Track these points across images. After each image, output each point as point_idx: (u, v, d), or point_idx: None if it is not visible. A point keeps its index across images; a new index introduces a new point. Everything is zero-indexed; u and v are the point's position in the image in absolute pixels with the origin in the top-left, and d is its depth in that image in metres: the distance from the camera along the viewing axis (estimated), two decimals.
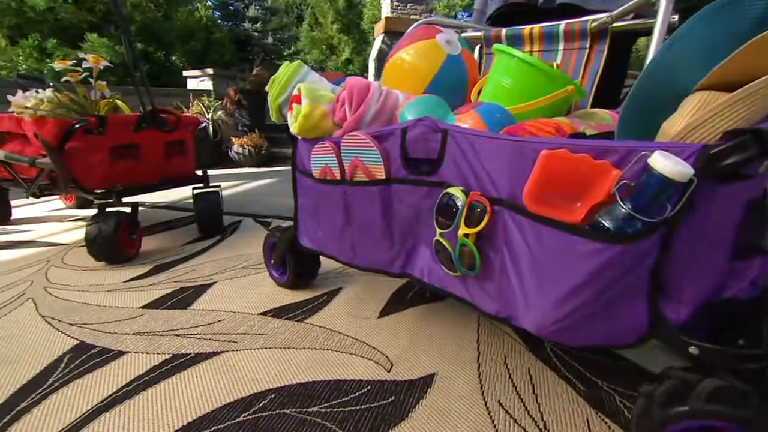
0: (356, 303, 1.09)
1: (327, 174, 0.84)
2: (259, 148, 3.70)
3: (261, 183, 3.05)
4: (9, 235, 1.76)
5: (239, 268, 1.35)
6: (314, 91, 0.85)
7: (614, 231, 0.46)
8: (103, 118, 1.40)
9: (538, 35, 0.97)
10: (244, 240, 1.65)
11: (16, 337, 0.95)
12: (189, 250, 1.54)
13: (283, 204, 2.32)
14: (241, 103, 3.98)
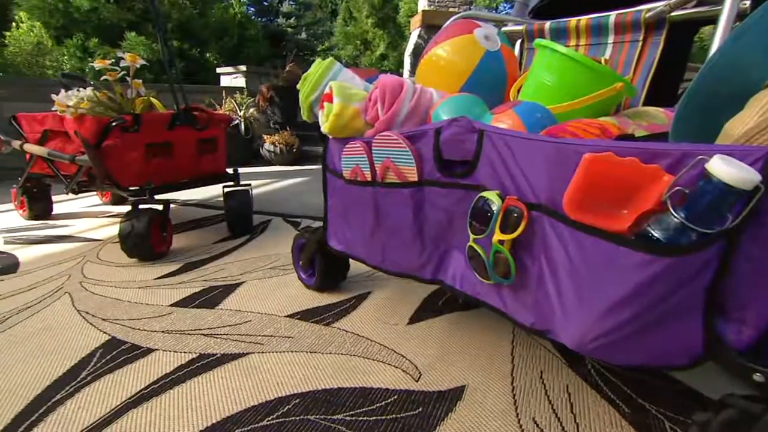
0: (385, 308, 1.10)
1: (358, 175, 0.85)
2: (291, 146, 3.77)
3: (291, 182, 3.11)
4: (50, 230, 1.87)
5: (267, 269, 1.38)
6: (346, 89, 0.86)
7: (665, 242, 0.44)
8: (139, 116, 1.46)
9: (585, 28, 0.94)
10: (273, 240, 1.69)
11: (54, 329, 1.01)
12: (218, 248, 1.59)
13: (312, 203, 2.36)
14: (273, 101, 4.07)
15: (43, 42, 4.12)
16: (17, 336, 0.98)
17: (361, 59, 10.13)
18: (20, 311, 1.10)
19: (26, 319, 1.06)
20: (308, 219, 2.00)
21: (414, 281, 1.12)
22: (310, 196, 2.58)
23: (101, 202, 2.43)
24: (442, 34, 0.93)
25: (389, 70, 9.83)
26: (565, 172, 0.52)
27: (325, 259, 1.13)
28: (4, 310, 1.10)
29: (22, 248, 1.61)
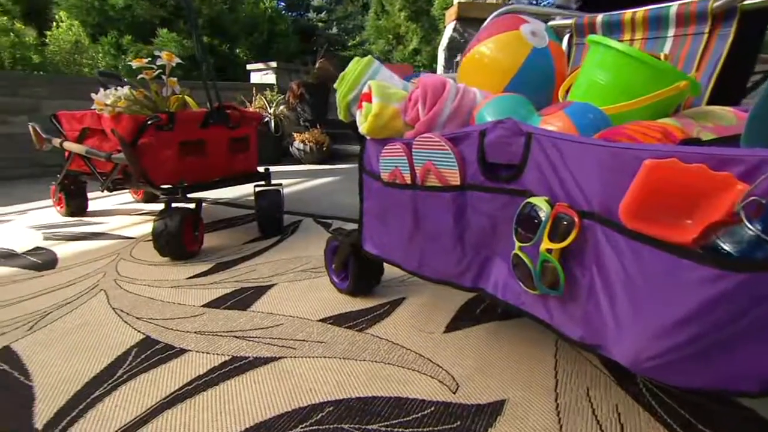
0: (420, 315, 1.10)
1: (396, 177, 0.85)
2: (321, 145, 3.82)
3: (322, 181, 3.15)
4: (85, 226, 1.96)
5: (299, 271, 1.41)
6: (385, 88, 0.87)
7: (737, 256, 0.42)
8: (173, 114, 1.51)
9: (641, 20, 0.91)
10: (303, 241, 1.71)
11: (90, 326, 1.05)
12: (249, 249, 1.63)
13: (344, 204, 2.38)
14: (303, 98, 4.13)
15: (80, 40, 4.32)
16: (57, 332, 1.03)
17: (393, 54, 10.15)
18: (60, 307, 1.16)
19: (65, 315, 1.11)
20: (339, 220, 2.02)
21: (451, 288, 1.11)
22: (341, 196, 2.61)
23: (133, 200, 2.53)
24: (486, 30, 0.92)
25: (422, 65, 9.81)
26: (621, 179, 0.50)
27: (359, 262, 1.14)
28: (45, 306, 1.16)
29: (60, 244, 1.69)
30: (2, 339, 1.00)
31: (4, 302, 1.19)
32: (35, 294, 1.24)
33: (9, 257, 1.55)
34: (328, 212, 2.18)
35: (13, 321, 1.08)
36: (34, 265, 1.47)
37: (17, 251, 1.62)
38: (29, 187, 3.03)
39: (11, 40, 3.82)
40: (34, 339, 1.00)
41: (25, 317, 1.10)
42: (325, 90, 4.20)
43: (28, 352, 0.95)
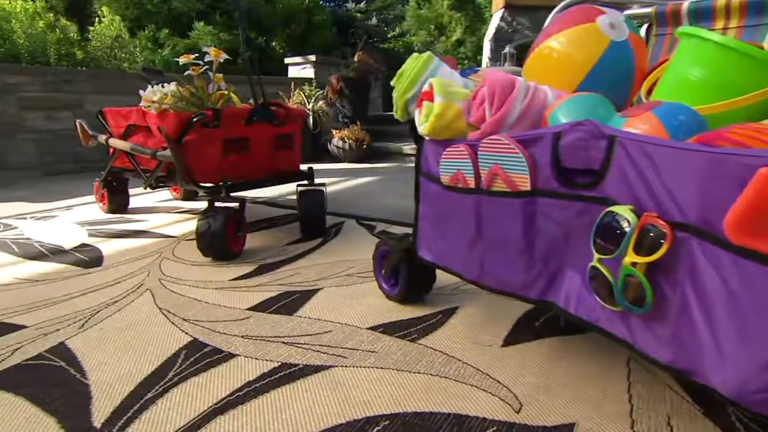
0: (476, 326, 1.09)
1: (459, 181, 0.85)
2: (360, 142, 3.85)
3: (362, 180, 3.17)
4: (127, 224, 2.05)
5: (344, 275, 1.42)
6: (448, 86, 0.87)
7: None
8: (218, 111, 1.56)
9: (738, 6, 0.86)
10: (347, 244, 1.73)
11: (139, 326, 1.10)
12: (291, 251, 1.66)
13: (387, 205, 2.39)
14: (342, 93, 4.18)
15: (121, 35, 4.53)
16: (108, 331, 1.08)
17: (435, 46, 10.11)
18: (108, 305, 1.22)
19: (114, 314, 1.17)
20: (383, 222, 2.03)
21: (507, 299, 1.10)
22: (384, 197, 2.62)
23: (172, 197, 2.63)
24: (556, 23, 0.91)
25: (466, 57, 9.71)
26: (725, 189, 0.48)
27: (410, 269, 1.14)
28: (95, 303, 1.23)
29: (104, 242, 1.78)
30: (57, 335, 1.06)
31: (56, 298, 1.26)
32: (84, 291, 1.31)
33: (58, 253, 1.64)
34: (371, 214, 2.19)
35: (66, 318, 1.14)
36: (81, 261, 1.55)
37: (65, 247, 1.71)
38: (72, 183, 3.21)
39: (57, 36, 4.05)
40: (86, 337, 1.06)
41: (76, 314, 1.16)
42: (365, 85, 4.23)
43: (82, 349, 1.00)
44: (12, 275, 1.43)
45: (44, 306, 1.22)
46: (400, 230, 1.91)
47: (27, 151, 3.45)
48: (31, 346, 1.01)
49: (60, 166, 3.61)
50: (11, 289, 1.32)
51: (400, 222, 2.03)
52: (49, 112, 3.55)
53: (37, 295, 1.28)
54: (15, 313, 1.17)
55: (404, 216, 2.15)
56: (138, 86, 3.63)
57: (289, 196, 2.65)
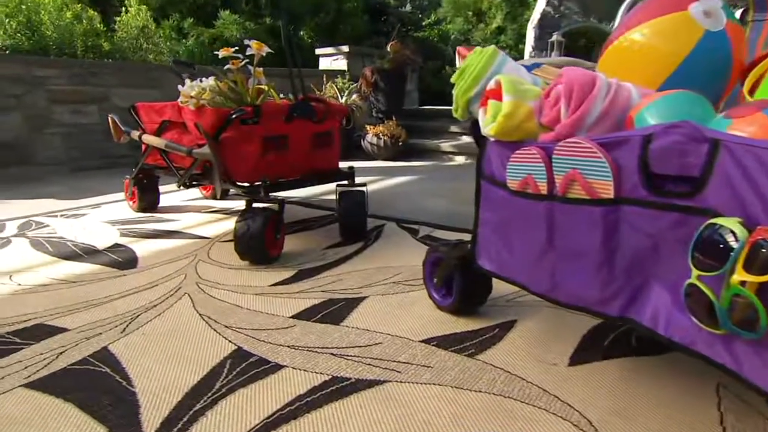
0: (537, 342, 1.07)
1: (528, 186, 0.84)
2: (396, 139, 3.86)
3: (400, 180, 3.18)
4: (158, 223, 2.11)
5: (389, 283, 1.43)
6: (517, 84, 0.86)
7: None
8: (259, 107, 1.59)
9: None
10: (390, 249, 1.74)
11: (181, 332, 1.13)
12: (331, 255, 1.67)
13: (427, 207, 2.39)
14: (377, 86, 4.19)
15: (148, 26, 4.67)
16: (150, 336, 1.11)
17: (473, 34, 10.02)
18: (147, 309, 1.25)
19: (154, 319, 1.20)
20: (426, 226, 2.03)
21: (570, 313, 1.08)
22: (424, 199, 2.62)
23: (201, 196, 2.69)
24: (638, 13, 0.88)
25: (506, 45, 9.57)
26: None
27: (466, 278, 1.14)
28: (133, 307, 1.26)
29: (137, 242, 1.83)
30: (99, 339, 1.10)
31: (95, 300, 1.30)
32: (122, 294, 1.35)
33: (92, 253, 1.70)
34: (412, 216, 2.19)
35: (106, 321, 1.18)
36: (116, 263, 1.61)
37: (98, 247, 1.77)
38: (99, 180, 3.31)
39: (84, 27, 4.19)
40: (128, 342, 1.09)
41: (116, 318, 1.20)
42: (401, 77, 4.24)
43: (125, 355, 1.03)
44: (49, 275, 1.49)
45: (84, 308, 1.26)
46: (445, 235, 1.91)
47: (55, 145, 3.59)
48: (75, 350, 1.05)
49: (86, 162, 3.74)
50: (50, 290, 1.38)
51: (445, 226, 2.02)
52: (76, 106, 3.68)
53: (76, 297, 1.33)
54: (56, 314, 1.22)
55: (448, 219, 2.14)
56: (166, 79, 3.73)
57: (323, 196, 2.67)
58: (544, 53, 6.21)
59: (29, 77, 3.47)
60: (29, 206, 2.49)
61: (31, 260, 1.63)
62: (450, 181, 3.14)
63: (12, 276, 1.49)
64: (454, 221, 2.11)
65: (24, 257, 1.66)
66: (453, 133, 4.46)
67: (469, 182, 3.22)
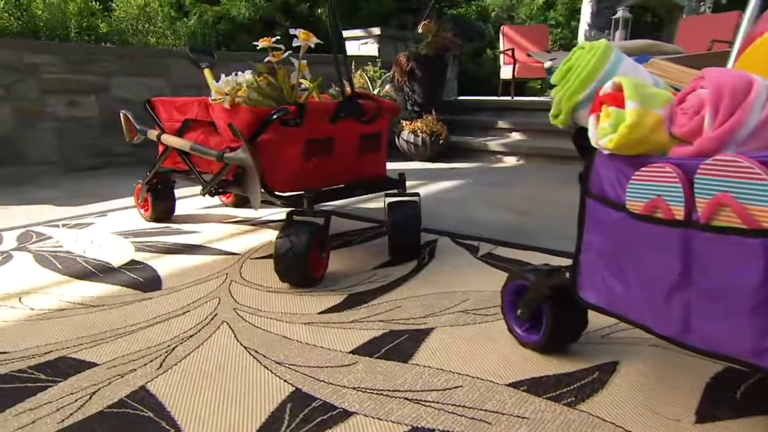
0: (651, 391, 1.05)
1: (658, 209, 0.82)
2: (436, 136, 3.85)
3: (444, 185, 3.17)
4: (176, 236, 2.13)
5: (457, 312, 1.42)
6: (643, 88, 0.84)
7: None
8: (303, 106, 1.59)
9: None
10: (449, 270, 1.73)
11: (228, 369, 1.13)
12: (382, 277, 1.67)
13: (481, 219, 2.38)
14: (413, 74, 4.19)
15: (150, 3, 4.75)
16: (192, 373, 1.12)
17: (517, 10, 9.99)
18: (183, 340, 1.26)
19: (194, 352, 1.21)
20: (487, 243, 2.02)
21: (685, 354, 1.05)
22: (477, 208, 2.60)
23: (220, 203, 2.71)
24: None
25: (555, 23, 9.53)
26: None
27: (559, 312, 1.12)
28: (167, 338, 1.27)
29: (156, 258, 1.85)
30: (135, 377, 1.11)
31: (121, 329, 1.32)
32: (151, 321, 1.36)
33: (107, 272, 1.72)
34: (466, 229, 2.18)
35: (139, 355, 1.19)
36: (137, 283, 1.62)
37: (113, 264, 1.79)
38: (99, 182, 3.37)
39: (78, 5, 4.28)
40: (169, 380, 1.10)
41: (150, 351, 1.21)
42: (441, 64, 4.23)
43: (168, 396, 1.04)
44: (63, 298, 1.51)
45: (110, 338, 1.28)
46: (508, 253, 1.89)
47: (47, 142, 3.66)
48: (109, 390, 1.06)
49: (82, 161, 3.81)
50: (67, 316, 1.40)
51: (509, 243, 2.01)
52: (72, 97, 3.75)
53: (99, 325, 1.34)
54: (80, 345, 1.24)
55: (510, 233, 2.12)
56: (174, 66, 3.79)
57: (358, 204, 2.68)
58: (606, 33, 6.14)
59: (20, 64, 3.54)
60: (24, 214, 2.54)
61: (40, 279, 1.66)
62: (504, 187, 3.12)
63: (21, 298, 1.52)
64: (518, 236, 2.09)
65: (31, 275, 1.69)
66: (501, 129, 4.44)
67: (528, 187, 3.21)
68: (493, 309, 1.42)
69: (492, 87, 7.88)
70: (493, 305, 1.45)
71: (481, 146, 4.10)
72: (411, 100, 4.26)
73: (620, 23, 4.69)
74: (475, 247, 1.97)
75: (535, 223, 2.32)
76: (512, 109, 4.82)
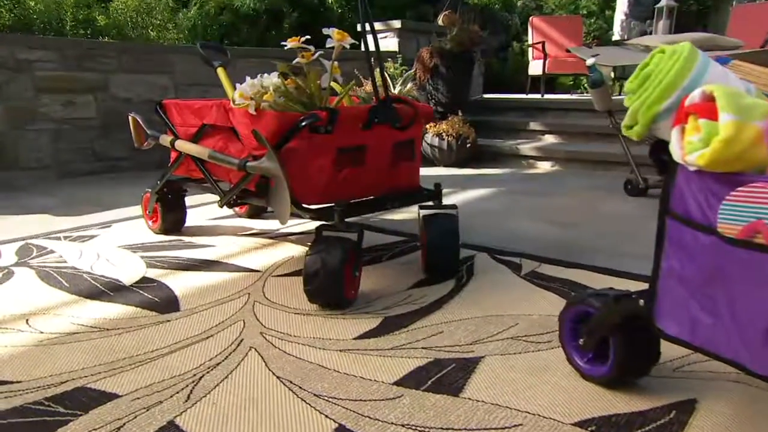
0: None
1: (759, 234, 0.80)
2: (464, 140, 3.84)
3: (474, 194, 3.16)
4: (188, 250, 2.13)
5: (506, 339, 1.40)
6: (738, 98, 0.83)
7: None
8: (334, 112, 1.59)
9: None
10: (491, 290, 1.71)
11: (261, 403, 1.12)
12: (419, 298, 1.66)
13: (520, 232, 2.36)
14: (437, 72, 4.19)
15: None
16: (223, 408, 1.11)
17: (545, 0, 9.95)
18: (210, 369, 1.25)
19: (222, 383, 1.20)
20: (530, 259, 2.00)
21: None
22: (514, 220, 2.59)
23: (232, 214, 2.72)
24: None
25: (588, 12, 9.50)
26: None
27: (628, 342, 1.11)
28: (192, 366, 1.27)
29: (170, 275, 1.85)
30: (161, 410, 1.10)
31: (141, 355, 1.31)
32: (171, 346, 1.36)
33: (118, 290, 1.72)
34: (506, 244, 2.17)
35: (164, 385, 1.19)
36: (153, 304, 1.62)
37: (124, 282, 1.79)
38: (98, 189, 3.39)
39: None
40: (198, 415, 1.09)
41: (175, 380, 1.21)
42: (468, 60, 4.23)
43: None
44: (74, 320, 1.51)
45: (130, 366, 1.27)
46: (555, 271, 1.87)
47: (41, 145, 3.69)
48: (134, 425, 1.06)
49: (78, 166, 3.83)
50: (81, 340, 1.40)
51: (556, 260, 1.99)
52: (68, 96, 3.77)
53: (116, 350, 1.34)
54: (98, 374, 1.23)
55: (555, 249, 2.11)
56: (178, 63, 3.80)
57: (382, 215, 2.67)
58: (648, 23, 6.08)
59: (12, 60, 3.57)
60: (20, 224, 2.56)
61: (47, 299, 1.67)
62: (543, 197, 3.11)
63: (29, 320, 1.52)
64: (564, 252, 2.08)
65: (36, 294, 1.70)
66: (533, 131, 4.43)
67: (569, 197, 3.19)
68: (547, 335, 1.41)
69: (519, 84, 7.87)
70: (545, 331, 1.43)
71: (511, 150, 4.08)
72: (434, 99, 4.26)
73: (664, 13, 4.62)
74: (518, 264, 1.96)
75: (581, 238, 2.30)
76: (544, 108, 4.81)
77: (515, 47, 9.02)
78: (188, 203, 2.65)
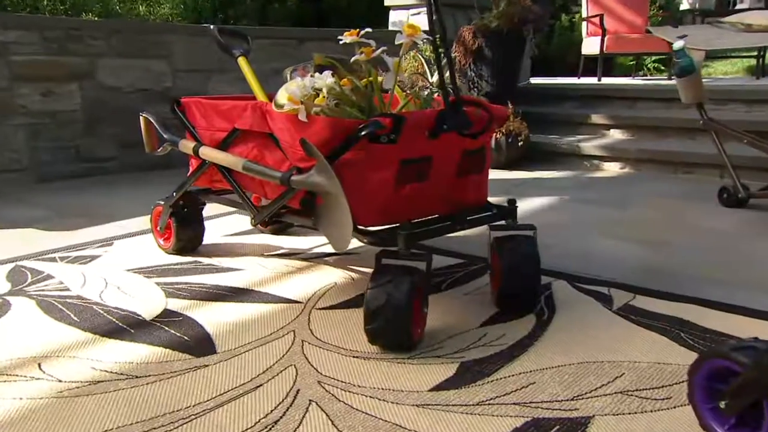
0: None
1: None
2: (515, 136, 3.84)
3: (531, 204, 3.16)
4: (212, 275, 2.14)
5: (614, 393, 1.39)
6: None
7: None
8: (400, 119, 1.58)
9: None
10: (581, 329, 1.71)
11: None
12: (496, 338, 1.66)
13: (598, 253, 2.35)
14: (481, 55, 4.18)
15: None
16: None
17: None
18: (267, 428, 1.26)
19: None
20: (621, 290, 1.99)
21: None
22: (589, 237, 2.58)
23: (251, 229, 2.72)
24: None
25: None
26: None
27: None
28: (247, 425, 1.26)
29: (196, 307, 1.86)
30: None
31: (183, 410, 1.31)
32: (217, 400, 1.36)
33: (139, 326, 1.73)
34: (588, 270, 2.16)
35: None
36: (183, 344, 1.63)
37: (143, 316, 1.80)
38: (85, 195, 3.41)
39: None
40: None
41: None
42: (518, 41, 4.22)
43: None
44: (96, 365, 1.52)
45: (172, 425, 1.27)
46: (657, 306, 1.87)
47: (16, 143, 3.71)
48: None
49: (60, 167, 3.85)
50: (108, 391, 1.40)
51: (656, 292, 1.98)
52: (48, 85, 3.79)
53: (152, 404, 1.34)
54: None
55: (650, 276, 2.10)
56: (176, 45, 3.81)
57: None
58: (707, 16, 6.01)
59: None
60: (3, 242, 2.57)
61: (57, 337, 1.67)
62: (618, 207, 3.09)
63: (41, 365, 1.52)
64: (663, 280, 2.07)
65: (42, 332, 1.71)
66: (593, 125, 4.41)
67: (651, 207, 3.18)
68: (662, 390, 1.40)
69: (568, 65, 7.85)
70: (660, 385, 1.42)
71: (570, 148, 4.08)
72: (477, 87, 4.25)
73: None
74: (607, 296, 1.95)
75: (677, 261, 2.29)
76: (605, 96, 4.78)
77: (563, 20, 8.97)
78: None
